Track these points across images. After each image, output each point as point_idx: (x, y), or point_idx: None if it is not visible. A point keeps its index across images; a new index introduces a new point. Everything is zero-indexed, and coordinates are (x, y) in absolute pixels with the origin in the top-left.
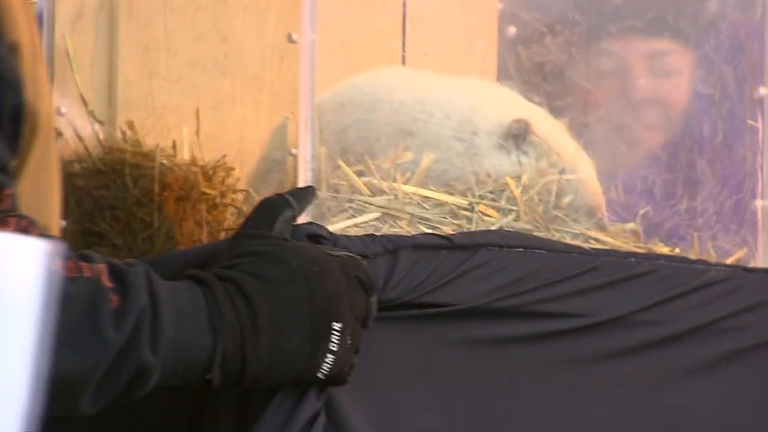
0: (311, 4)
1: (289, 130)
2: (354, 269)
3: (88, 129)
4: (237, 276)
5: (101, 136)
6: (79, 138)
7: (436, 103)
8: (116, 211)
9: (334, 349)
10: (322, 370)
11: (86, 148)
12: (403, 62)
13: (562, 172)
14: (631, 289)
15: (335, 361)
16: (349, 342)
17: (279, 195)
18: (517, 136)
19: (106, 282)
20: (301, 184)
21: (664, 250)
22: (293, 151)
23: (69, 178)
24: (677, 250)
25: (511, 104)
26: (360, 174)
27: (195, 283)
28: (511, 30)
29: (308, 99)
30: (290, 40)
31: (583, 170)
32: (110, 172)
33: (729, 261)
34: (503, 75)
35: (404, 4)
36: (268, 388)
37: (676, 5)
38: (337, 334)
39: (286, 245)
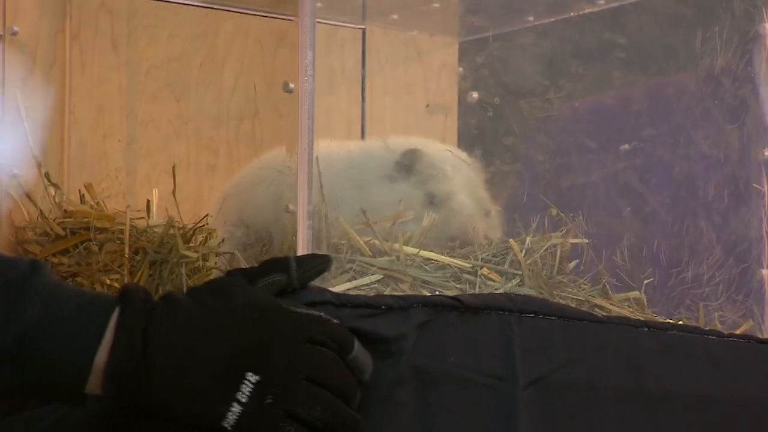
0: (310, 53)
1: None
2: (311, 328)
3: (40, 192)
4: (177, 296)
5: (57, 200)
6: (32, 202)
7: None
8: (79, 279)
9: (242, 400)
10: (228, 420)
11: (41, 213)
12: (363, 129)
13: (432, 201)
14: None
15: (244, 415)
16: (271, 400)
17: (285, 257)
18: (407, 166)
19: None
20: (301, 243)
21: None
22: (291, 207)
23: (21, 245)
24: (681, 321)
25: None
26: (359, 233)
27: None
28: (473, 95)
29: (307, 149)
30: (286, 89)
31: (457, 199)
32: (71, 237)
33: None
34: (505, 131)
35: (363, 66)
36: (176, 418)
37: (677, 59)
38: (251, 386)
39: (241, 284)
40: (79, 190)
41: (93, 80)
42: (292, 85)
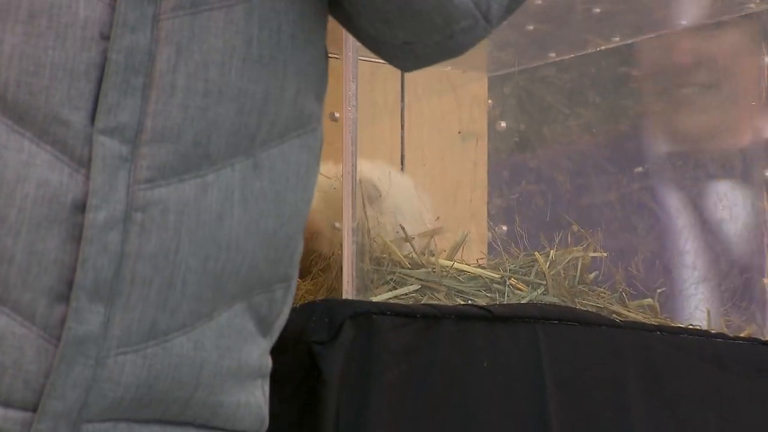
0: (353, 85)
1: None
2: None
3: None
4: None
5: None
6: None
7: None
8: None
9: None
10: None
11: None
12: (402, 154)
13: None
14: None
15: None
16: None
17: None
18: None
19: None
20: (346, 257)
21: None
22: (336, 224)
23: None
24: (691, 326)
25: None
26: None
27: None
28: (502, 125)
29: (351, 172)
30: (332, 119)
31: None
32: None
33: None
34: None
35: (402, 99)
36: None
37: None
38: None
39: None
40: None
41: None
42: (337, 115)
